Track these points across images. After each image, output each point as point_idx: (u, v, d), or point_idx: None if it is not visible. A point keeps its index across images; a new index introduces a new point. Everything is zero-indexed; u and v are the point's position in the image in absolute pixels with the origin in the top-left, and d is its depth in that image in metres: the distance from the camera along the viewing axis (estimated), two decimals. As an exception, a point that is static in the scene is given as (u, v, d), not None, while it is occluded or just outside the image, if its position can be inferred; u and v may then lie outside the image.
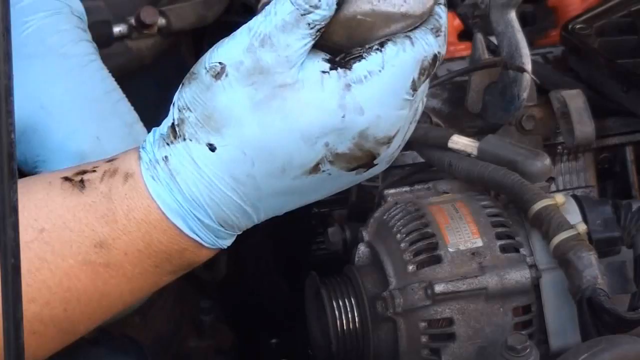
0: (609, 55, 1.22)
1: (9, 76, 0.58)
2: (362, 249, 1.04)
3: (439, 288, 0.96)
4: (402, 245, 0.99)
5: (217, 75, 0.78)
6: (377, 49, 0.78)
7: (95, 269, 0.79)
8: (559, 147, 1.24)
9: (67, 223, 0.79)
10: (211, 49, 0.81)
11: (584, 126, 1.16)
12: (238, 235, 0.90)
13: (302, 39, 0.77)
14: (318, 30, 0.77)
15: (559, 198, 1.00)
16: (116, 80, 1.38)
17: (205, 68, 0.79)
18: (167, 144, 0.81)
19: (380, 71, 0.77)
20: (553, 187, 1.19)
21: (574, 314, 0.94)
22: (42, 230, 0.78)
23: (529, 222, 0.99)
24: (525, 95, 1.15)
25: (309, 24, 0.76)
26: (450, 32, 1.41)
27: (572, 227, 0.96)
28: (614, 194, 1.29)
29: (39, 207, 0.80)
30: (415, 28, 0.80)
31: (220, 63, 0.79)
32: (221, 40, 0.80)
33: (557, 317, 0.98)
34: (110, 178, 0.81)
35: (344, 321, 1.00)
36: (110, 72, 1.39)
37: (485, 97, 1.20)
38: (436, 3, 0.81)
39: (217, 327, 1.38)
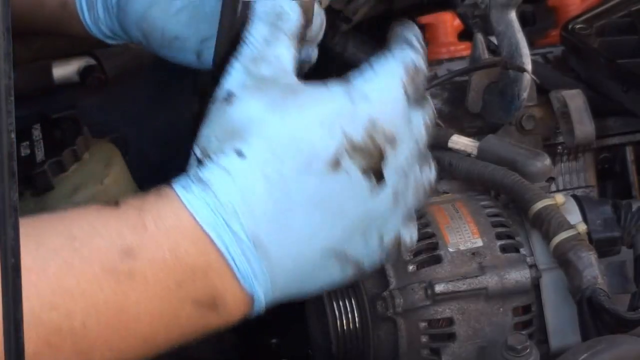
0: (609, 55, 1.22)
1: (9, 76, 0.58)
2: (362, 249, 1.04)
3: (439, 288, 0.96)
4: (402, 245, 0.99)
5: (227, 100, 0.82)
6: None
7: (119, 278, 0.77)
8: (559, 147, 1.24)
9: (98, 230, 0.78)
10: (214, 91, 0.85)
11: (584, 126, 1.16)
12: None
13: (289, 47, 0.83)
14: (297, 35, 0.84)
15: (559, 198, 1.00)
16: (116, 80, 1.39)
17: (213, 102, 0.83)
18: (196, 171, 0.81)
19: (372, 70, 0.85)
20: (553, 187, 1.19)
21: (574, 314, 0.94)
22: (74, 238, 0.77)
23: (529, 222, 0.99)
24: (525, 95, 1.15)
25: (285, 33, 0.83)
26: (450, 32, 1.41)
27: (572, 227, 0.96)
28: (614, 194, 1.29)
29: (73, 219, 0.80)
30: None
31: (227, 92, 0.82)
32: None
33: (557, 317, 0.98)
34: (143, 196, 0.81)
35: (344, 321, 1.00)
36: (110, 72, 1.40)
37: (485, 97, 1.20)
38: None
39: (217, 327, 1.38)
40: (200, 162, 0.82)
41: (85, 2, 1.13)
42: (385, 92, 0.84)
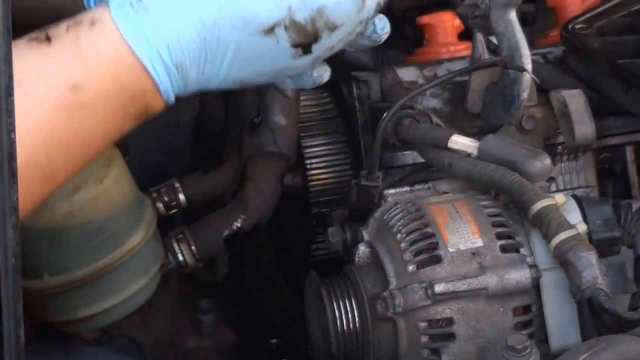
0: (609, 55, 1.22)
1: (9, 76, 0.58)
2: (362, 249, 1.05)
3: (439, 288, 0.96)
4: (402, 245, 0.99)
5: None
6: None
7: (72, 111, 0.83)
8: (559, 147, 1.24)
9: (41, 71, 0.83)
10: None
11: (584, 126, 1.16)
12: (238, 235, 0.90)
13: None
14: None
15: (559, 198, 1.00)
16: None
17: None
18: None
19: None
20: (553, 187, 1.19)
21: (574, 314, 0.94)
22: (18, 82, 0.78)
23: (529, 222, 0.99)
24: (525, 95, 1.15)
25: None
26: (450, 32, 1.41)
27: (572, 227, 0.96)
28: (614, 194, 1.29)
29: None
30: None
31: None
32: None
33: (557, 317, 0.98)
34: (76, 27, 0.85)
35: (344, 321, 1.00)
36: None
37: (485, 97, 1.20)
38: None
39: (217, 327, 1.38)
40: None
41: None
42: None
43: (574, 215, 1.01)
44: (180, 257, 1.26)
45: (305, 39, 0.88)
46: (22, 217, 0.83)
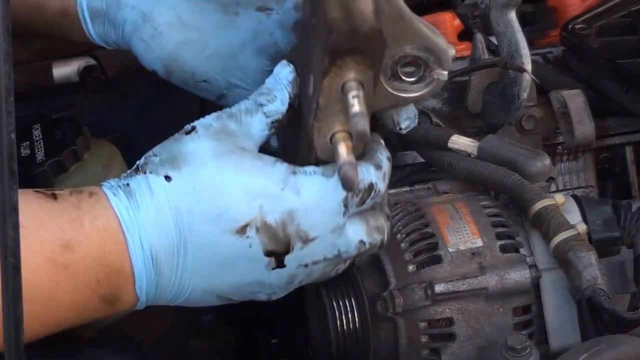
0: (609, 55, 1.22)
1: (9, 76, 0.58)
2: (362, 249, 1.04)
3: (439, 288, 0.96)
4: (402, 245, 0.99)
5: (188, 133, 0.92)
6: None
7: (56, 268, 0.85)
8: (559, 147, 1.24)
9: (43, 223, 0.86)
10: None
11: (584, 126, 1.16)
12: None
13: (261, 122, 0.92)
14: (275, 120, 0.93)
15: (559, 198, 1.00)
16: (116, 80, 1.39)
17: (179, 132, 0.93)
18: (129, 177, 0.90)
19: (323, 174, 0.90)
20: (553, 187, 1.19)
21: (574, 314, 0.94)
22: (23, 226, 0.81)
23: (529, 222, 0.99)
24: (525, 95, 1.15)
25: (264, 113, 0.92)
26: (450, 32, 1.41)
27: (572, 227, 0.96)
28: (614, 194, 1.29)
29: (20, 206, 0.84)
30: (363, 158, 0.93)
31: (192, 126, 0.92)
32: None
33: (557, 317, 0.98)
34: (78, 193, 0.89)
35: (344, 321, 1.00)
36: (110, 72, 1.40)
37: (485, 97, 1.20)
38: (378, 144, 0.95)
39: (217, 327, 1.38)
40: (136, 171, 0.90)
41: (89, 14, 1.12)
42: (320, 197, 0.90)
43: (573, 215, 1.01)
44: (181, 258, 1.26)
45: (277, 245, 0.89)
46: None
